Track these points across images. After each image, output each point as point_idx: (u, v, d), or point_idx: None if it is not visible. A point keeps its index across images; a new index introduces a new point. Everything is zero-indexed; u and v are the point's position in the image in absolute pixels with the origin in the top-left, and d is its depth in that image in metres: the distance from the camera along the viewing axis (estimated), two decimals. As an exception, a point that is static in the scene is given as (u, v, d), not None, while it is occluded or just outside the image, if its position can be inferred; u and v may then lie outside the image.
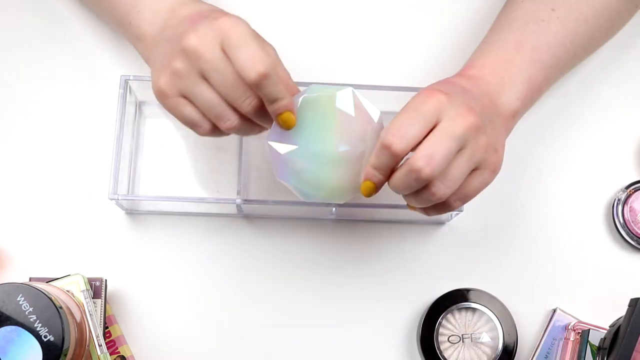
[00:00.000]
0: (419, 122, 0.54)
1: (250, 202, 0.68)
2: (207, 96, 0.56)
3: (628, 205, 0.72)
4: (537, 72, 0.64)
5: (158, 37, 0.60)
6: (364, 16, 0.78)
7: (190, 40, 0.55)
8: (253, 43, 0.54)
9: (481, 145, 0.56)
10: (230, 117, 0.56)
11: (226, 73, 0.54)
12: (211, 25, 0.55)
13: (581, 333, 0.67)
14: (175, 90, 0.57)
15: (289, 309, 0.70)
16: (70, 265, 0.69)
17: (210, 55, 0.54)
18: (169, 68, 0.56)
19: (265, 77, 0.53)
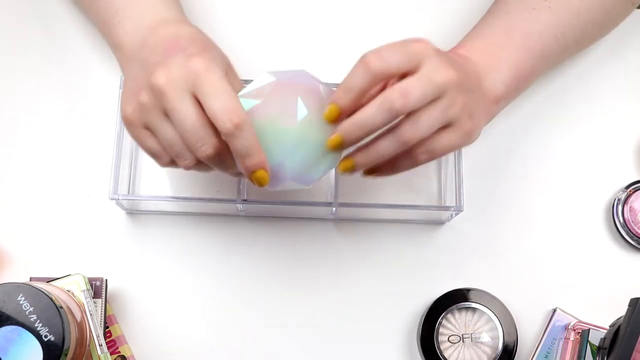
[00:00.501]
0: (402, 55, 0.55)
1: (250, 202, 0.68)
2: (168, 134, 0.55)
3: (628, 205, 0.72)
4: (525, 60, 0.64)
5: (135, 53, 0.59)
6: (362, 15, 0.78)
7: (158, 77, 0.54)
8: (227, 92, 0.53)
9: (458, 102, 0.56)
10: (188, 157, 0.56)
11: (187, 117, 0.54)
12: (183, 65, 0.54)
13: (581, 333, 0.67)
14: (139, 121, 0.57)
15: (289, 308, 0.70)
16: (71, 265, 0.69)
17: (174, 96, 0.54)
18: (135, 98, 0.56)
19: (238, 128, 0.53)
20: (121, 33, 0.61)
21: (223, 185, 0.71)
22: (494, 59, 0.63)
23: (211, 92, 0.53)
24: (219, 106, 0.53)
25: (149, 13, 0.61)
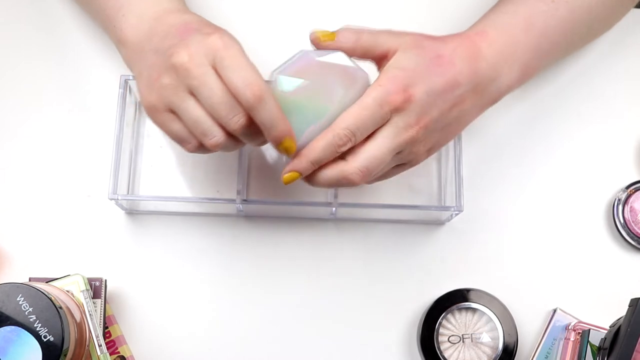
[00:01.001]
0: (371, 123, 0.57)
1: (250, 202, 0.68)
2: (194, 112, 0.56)
3: (628, 205, 0.72)
4: (534, 59, 0.64)
5: (144, 45, 0.59)
6: (364, 15, 0.78)
7: (180, 56, 0.55)
8: (248, 65, 0.55)
9: (414, 152, 0.59)
10: (217, 133, 0.56)
11: (215, 90, 0.54)
12: (202, 42, 0.55)
13: (581, 333, 0.67)
14: (163, 105, 0.57)
15: (289, 308, 0.70)
16: (70, 265, 0.69)
17: (199, 71, 0.54)
18: (157, 83, 0.56)
19: (260, 99, 0.54)
20: (126, 27, 0.61)
21: (223, 186, 0.71)
22: (509, 60, 0.62)
23: (231, 66, 0.54)
24: (240, 79, 0.54)
25: (152, 5, 0.61)
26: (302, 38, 0.76)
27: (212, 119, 0.56)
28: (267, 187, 0.72)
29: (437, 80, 0.58)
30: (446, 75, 0.58)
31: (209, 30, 0.56)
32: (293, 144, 0.57)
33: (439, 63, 0.59)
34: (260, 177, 0.72)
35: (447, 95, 0.58)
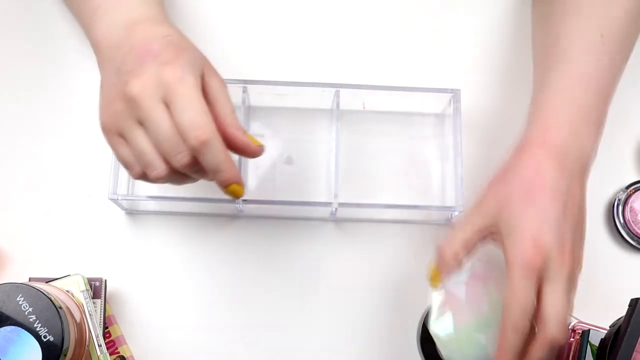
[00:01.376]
0: (531, 291, 0.57)
1: (250, 202, 0.68)
2: (140, 142, 0.55)
3: (628, 205, 0.72)
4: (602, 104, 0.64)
5: (110, 55, 0.59)
6: (365, 15, 0.78)
7: (132, 87, 0.54)
8: (197, 105, 0.53)
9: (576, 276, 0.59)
10: (159, 167, 0.55)
11: (162, 126, 0.54)
12: (156, 74, 0.54)
13: (581, 333, 0.66)
14: (114, 128, 0.57)
15: (289, 308, 0.70)
16: (70, 265, 0.69)
17: (147, 105, 0.54)
18: (112, 106, 0.56)
19: (205, 144, 0.53)
20: (98, 33, 0.61)
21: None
22: (583, 130, 0.62)
23: (180, 105, 0.53)
24: (187, 120, 0.53)
25: (125, 11, 0.60)
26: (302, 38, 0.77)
27: (157, 152, 0.55)
28: (267, 187, 0.72)
29: (548, 211, 0.58)
30: (547, 196, 0.59)
31: (167, 58, 0.55)
32: (240, 188, 0.56)
33: (534, 193, 0.59)
34: (260, 177, 0.72)
35: (563, 211, 0.59)
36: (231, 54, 0.76)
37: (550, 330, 0.57)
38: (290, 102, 0.72)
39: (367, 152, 0.73)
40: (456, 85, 0.71)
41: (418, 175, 0.73)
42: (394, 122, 0.74)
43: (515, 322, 0.56)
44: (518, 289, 0.56)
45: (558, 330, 0.57)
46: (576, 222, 0.60)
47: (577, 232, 0.60)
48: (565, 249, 0.58)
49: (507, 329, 0.57)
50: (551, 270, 0.57)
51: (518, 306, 0.56)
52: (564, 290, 0.57)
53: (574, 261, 0.59)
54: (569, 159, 0.61)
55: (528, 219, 0.58)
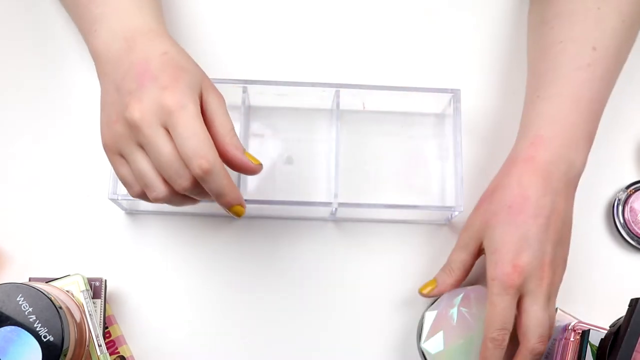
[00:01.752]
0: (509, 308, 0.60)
1: (250, 202, 0.68)
2: (140, 164, 0.56)
3: (628, 205, 0.72)
4: (592, 121, 0.65)
5: (110, 70, 0.59)
6: (365, 15, 0.78)
7: (133, 113, 0.55)
8: (199, 132, 0.54)
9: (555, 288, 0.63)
10: (159, 189, 0.56)
11: (163, 152, 0.55)
12: (156, 100, 0.55)
13: (581, 333, 0.66)
14: (115, 148, 0.58)
15: (289, 308, 0.70)
16: (70, 265, 0.69)
17: (149, 132, 0.55)
18: (113, 127, 0.57)
19: (209, 172, 0.54)
20: (97, 43, 0.61)
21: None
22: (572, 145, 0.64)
23: (183, 133, 0.54)
24: (190, 149, 0.54)
25: (124, 21, 0.61)
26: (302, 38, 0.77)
27: (158, 174, 0.56)
28: (267, 187, 0.72)
29: (529, 229, 0.61)
30: (529, 214, 0.61)
31: (166, 82, 0.55)
32: (241, 209, 0.58)
33: (517, 211, 0.62)
34: (260, 177, 0.72)
35: (545, 227, 0.61)
36: (231, 54, 0.76)
37: (531, 342, 0.61)
38: (290, 102, 0.72)
39: (367, 152, 0.73)
40: (456, 85, 0.71)
41: (418, 175, 0.73)
42: (394, 122, 0.74)
43: (493, 336, 0.60)
44: (497, 304, 0.60)
45: (538, 342, 0.61)
46: (559, 236, 0.63)
47: (560, 245, 0.63)
48: (545, 264, 0.61)
49: (487, 342, 0.61)
50: (530, 286, 0.61)
51: (497, 321, 0.60)
52: (543, 305, 0.61)
53: (553, 273, 0.62)
54: (555, 175, 0.63)
55: (508, 240, 0.61)
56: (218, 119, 0.57)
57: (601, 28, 0.66)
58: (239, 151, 0.57)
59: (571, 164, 0.64)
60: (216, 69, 0.73)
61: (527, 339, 0.61)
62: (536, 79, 0.68)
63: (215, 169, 0.54)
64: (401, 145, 0.73)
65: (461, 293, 0.66)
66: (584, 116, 0.64)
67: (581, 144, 0.64)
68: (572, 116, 0.64)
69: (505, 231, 0.62)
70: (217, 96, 0.59)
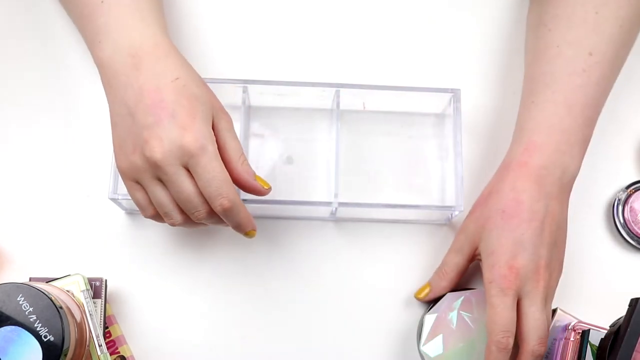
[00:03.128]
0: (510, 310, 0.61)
1: (250, 202, 0.68)
2: (159, 196, 0.59)
3: (628, 205, 0.72)
4: (587, 127, 0.66)
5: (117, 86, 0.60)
6: (365, 15, 0.78)
7: (153, 152, 0.57)
8: (220, 173, 0.57)
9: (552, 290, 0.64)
10: (176, 217, 0.60)
11: (184, 190, 0.58)
12: (177, 142, 0.56)
13: (581, 333, 0.66)
14: (132, 177, 0.60)
15: (289, 308, 0.70)
16: (70, 265, 0.69)
17: (170, 170, 0.57)
18: (130, 156, 0.58)
19: (230, 210, 0.59)
20: (102, 55, 0.61)
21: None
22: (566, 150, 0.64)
23: (204, 175, 0.57)
24: (213, 189, 0.57)
25: (128, 34, 0.61)
26: (302, 38, 0.77)
27: (176, 205, 0.59)
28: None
29: (523, 234, 0.62)
30: (523, 218, 0.62)
31: (184, 121, 0.57)
32: (254, 232, 0.63)
33: (510, 215, 0.63)
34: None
35: (539, 231, 0.62)
36: (231, 54, 0.76)
37: (531, 344, 0.61)
38: (290, 102, 0.72)
39: (367, 152, 0.73)
40: (456, 85, 0.71)
41: (418, 175, 0.73)
42: (394, 122, 0.74)
43: (497, 340, 0.60)
44: (497, 306, 0.61)
45: (538, 343, 0.61)
46: (554, 239, 0.63)
47: (555, 247, 0.64)
48: (540, 267, 0.62)
49: (492, 346, 0.61)
50: (527, 288, 0.61)
51: (499, 324, 0.60)
52: (541, 306, 0.61)
53: (550, 276, 0.63)
54: (549, 180, 0.63)
55: (504, 243, 0.62)
56: (229, 144, 0.60)
57: (598, 33, 0.66)
58: (251, 177, 0.61)
59: (565, 169, 0.64)
60: (216, 69, 0.74)
61: (527, 342, 0.61)
62: (531, 83, 0.68)
63: (235, 206, 0.59)
64: (401, 145, 0.73)
65: (461, 297, 0.66)
66: (578, 121, 0.65)
67: (575, 149, 0.65)
68: (565, 121, 0.64)
69: (500, 234, 0.62)
70: (227, 120, 0.61)
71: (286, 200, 0.70)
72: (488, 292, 0.61)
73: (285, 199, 0.70)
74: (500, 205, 0.63)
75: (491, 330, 0.61)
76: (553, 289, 0.64)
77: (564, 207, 0.65)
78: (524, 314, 0.61)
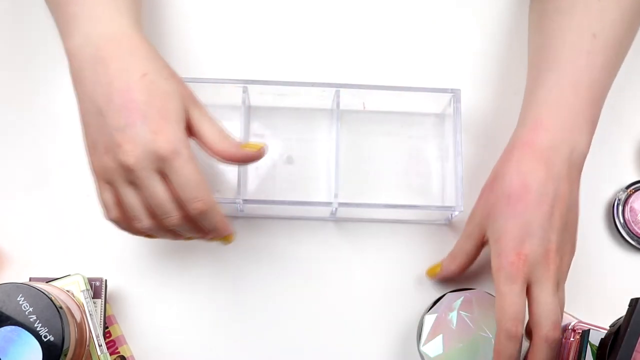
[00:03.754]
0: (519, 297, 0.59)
1: (250, 202, 0.68)
2: (130, 199, 0.58)
3: (628, 205, 0.72)
4: (594, 106, 0.64)
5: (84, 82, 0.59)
6: (365, 15, 0.78)
7: (127, 158, 0.56)
8: (194, 176, 0.56)
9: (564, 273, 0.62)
10: (145, 221, 0.59)
11: (157, 194, 0.57)
12: (149, 146, 0.55)
13: (581, 333, 0.66)
14: (103, 177, 0.58)
15: (289, 308, 0.70)
16: (70, 265, 0.69)
17: (143, 175, 0.56)
18: (101, 157, 0.57)
19: (205, 213, 0.57)
20: (70, 45, 0.60)
21: (223, 186, 0.71)
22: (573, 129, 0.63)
23: (178, 180, 0.56)
24: (186, 194, 0.56)
25: (98, 24, 0.60)
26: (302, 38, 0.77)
27: (146, 209, 0.58)
28: (267, 187, 0.72)
29: (532, 217, 0.60)
30: (530, 202, 0.60)
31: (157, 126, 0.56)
32: (231, 237, 0.62)
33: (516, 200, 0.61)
34: (260, 177, 0.72)
35: (549, 214, 0.60)
36: (231, 54, 0.76)
37: (544, 330, 0.59)
38: (290, 102, 0.72)
39: (367, 152, 0.73)
40: (456, 85, 0.71)
41: (418, 175, 0.73)
42: (394, 122, 0.74)
43: (507, 328, 0.58)
44: (506, 295, 0.59)
45: (551, 329, 0.59)
46: (565, 222, 0.61)
47: (567, 231, 0.62)
48: (550, 251, 0.60)
49: (501, 335, 0.59)
50: (537, 273, 0.59)
51: (508, 312, 0.58)
52: (552, 291, 0.59)
53: (561, 260, 0.61)
54: (558, 160, 0.62)
55: (511, 228, 0.60)
56: (205, 129, 0.59)
57: (602, 18, 0.65)
58: (235, 148, 0.59)
59: (573, 147, 0.62)
60: (216, 69, 0.74)
61: (540, 327, 0.59)
62: (535, 69, 0.67)
63: (211, 209, 0.58)
64: (401, 145, 0.73)
65: (461, 297, 0.66)
66: (585, 101, 0.63)
67: (583, 127, 0.63)
68: (571, 100, 0.63)
69: (506, 221, 0.61)
70: (199, 108, 0.60)
71: (286, 201, 0.70)
72: (496, 280, 0.60)
73: (285, 199, 0.70)
74: (505, 189, 0.62)
75: (500, 318, 0.59)
76: (565, 272, 0.62)
77: (574, 187, 0.63)
78: (535, 300, 0.59)
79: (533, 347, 0.60)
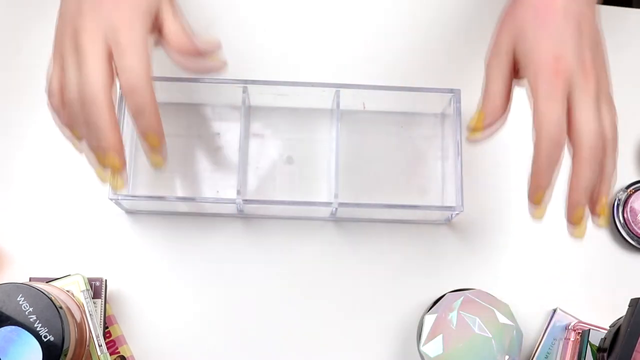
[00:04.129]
0: (560, 105, 0.54)
1: (250, 202, 0.68)
2: (71, 74, 0.56)
3: (628, 206, 0.72)
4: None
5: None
6: (365, 15, 0.78)
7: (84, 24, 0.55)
8: (136, 52, 0.54)
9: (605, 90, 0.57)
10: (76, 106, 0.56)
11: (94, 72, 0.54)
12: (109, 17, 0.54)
13: (581, 333, 0.67)
14: (57, 47, 0.58)
15: (289, 309, 0.70)
16: (70, 265, 0.69)
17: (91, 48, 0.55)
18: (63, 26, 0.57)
19: (132, 89, 0.54)
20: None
21: (223, 186, 0.71)
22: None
23: (120, 51, 0.54)
24: (121, 65, 0.54)
25: None
26: (302, 38, 0.77)
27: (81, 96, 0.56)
28: (267, 187, 0.72)
29: (562, 32, 0.56)
30: (558, 14, 0.56)
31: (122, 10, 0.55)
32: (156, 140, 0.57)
33: (544, 11, 0.57)
34: (260, 177, 0.72)
35: (577, 30, 0.56)
36: (231, 54, 0.76)
37: (587, 144, 0.55)
38: (290, 102, 0.72)
39: (367, 152, 0.73)
40: (456, 85, 0.71)
41: (418, 175, 0.73)
42: (394, 122, 0.74)
43: (550, 135, 0.55)
44: (547, 109, 0.55)
45: (594, 143, 0.55)
46: (592, 40, 0.58)
47: (597, 50, 0.58)
48: (587, 65, 0.56)
49: (542, 143, 0.55)
50: (577, 87, 0.55)
51: (551, 117, 0.55)
52: (593, 105, 0.56)
53: (598, 76, 0.57)
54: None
55: (544, 43, 0.56)
56: (168, 29, 0.58)
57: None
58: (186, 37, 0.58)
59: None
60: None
61: (583, 142, 0.55)
62: None
63: (140, 88, 0.54)
64: (401, 145, 0.73)
65: (461, 297, 0.66)
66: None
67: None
68: None
69: (538, 37, 0.56)
70: (171, 4, 0.59)
71: (286, 201, 0.70)
72: (535, 92, 0.55)
73: (285, 199, 0.70)
74: (531, 10, 0.57)
75: (540, 127, 0.55)
76: (605, 89, 0.58)
77: (596, 17, 0.58)
78: (575, 115, 0.55)
79: (576, 164, 0.56)
